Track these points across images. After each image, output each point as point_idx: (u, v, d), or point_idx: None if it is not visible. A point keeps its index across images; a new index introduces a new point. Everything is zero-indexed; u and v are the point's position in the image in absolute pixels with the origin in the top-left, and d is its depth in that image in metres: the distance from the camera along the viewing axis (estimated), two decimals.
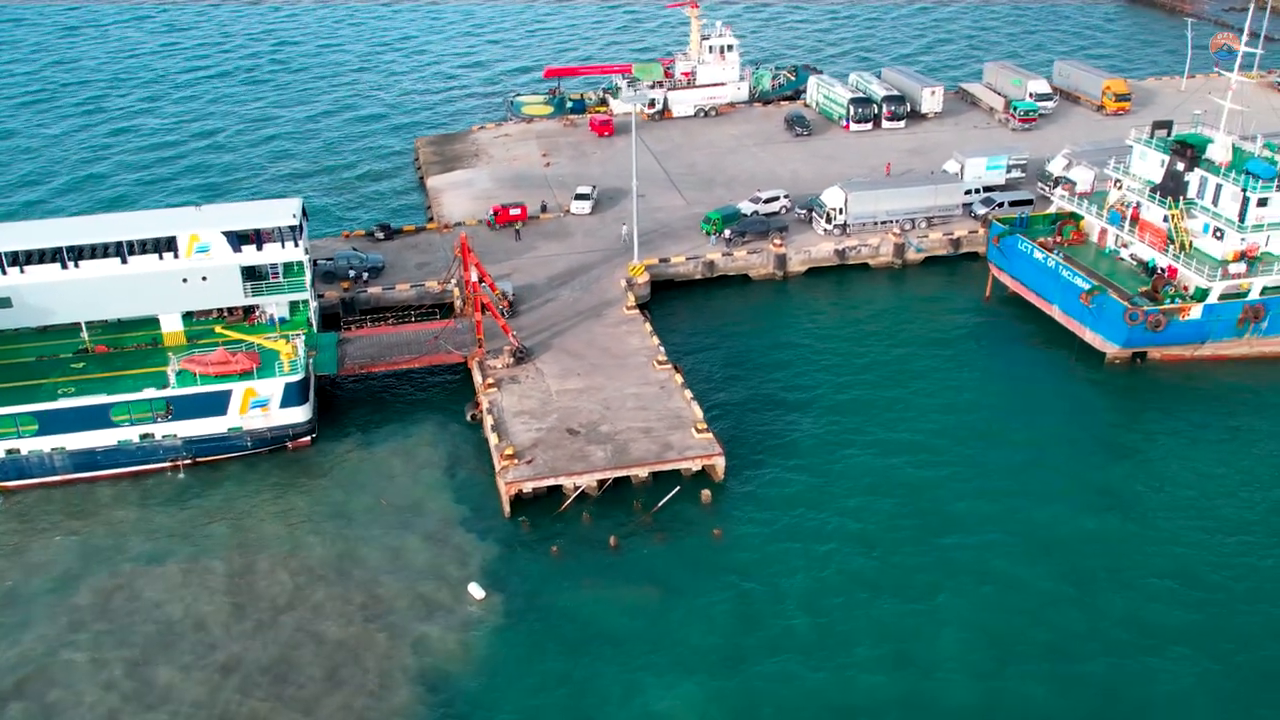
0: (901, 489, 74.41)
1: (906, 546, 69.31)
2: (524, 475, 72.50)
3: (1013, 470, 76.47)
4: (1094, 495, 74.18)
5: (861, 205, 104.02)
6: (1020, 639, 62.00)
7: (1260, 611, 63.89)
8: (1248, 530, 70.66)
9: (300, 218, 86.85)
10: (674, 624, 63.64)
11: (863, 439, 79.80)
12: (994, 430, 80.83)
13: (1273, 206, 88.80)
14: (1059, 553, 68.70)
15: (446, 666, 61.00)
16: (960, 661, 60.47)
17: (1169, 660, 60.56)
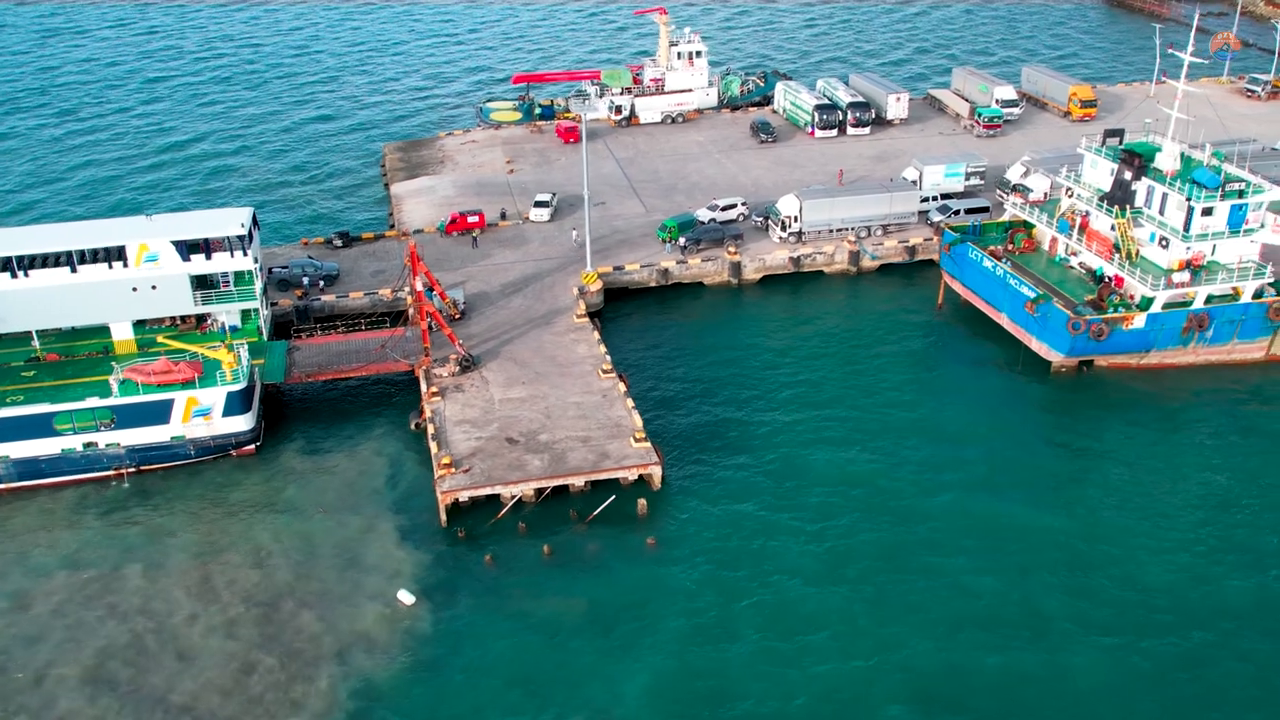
0: (840, 499, 74.90)
1: (842, 555, 69.75)
2: (460, 484, 73.11)
3: (950, 477, 77.04)
4: (1026, 500, 74.76)
5: (816, 213, 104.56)
6: (965, 647, 62.47)
7: (1188, 613, 64.47)
8: (1179, 534, 71.11)
9: (250, 227, 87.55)
10: (601, 634, 64.08)
11: (805, 448, 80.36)
12: (935, 438, 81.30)
13: (1218, 216, 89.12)
14: (993, 551, 69.51)
15: (370, 673, 61.63)
16: (897, 676, 60.82)
17: (1101, 652, 61.17)
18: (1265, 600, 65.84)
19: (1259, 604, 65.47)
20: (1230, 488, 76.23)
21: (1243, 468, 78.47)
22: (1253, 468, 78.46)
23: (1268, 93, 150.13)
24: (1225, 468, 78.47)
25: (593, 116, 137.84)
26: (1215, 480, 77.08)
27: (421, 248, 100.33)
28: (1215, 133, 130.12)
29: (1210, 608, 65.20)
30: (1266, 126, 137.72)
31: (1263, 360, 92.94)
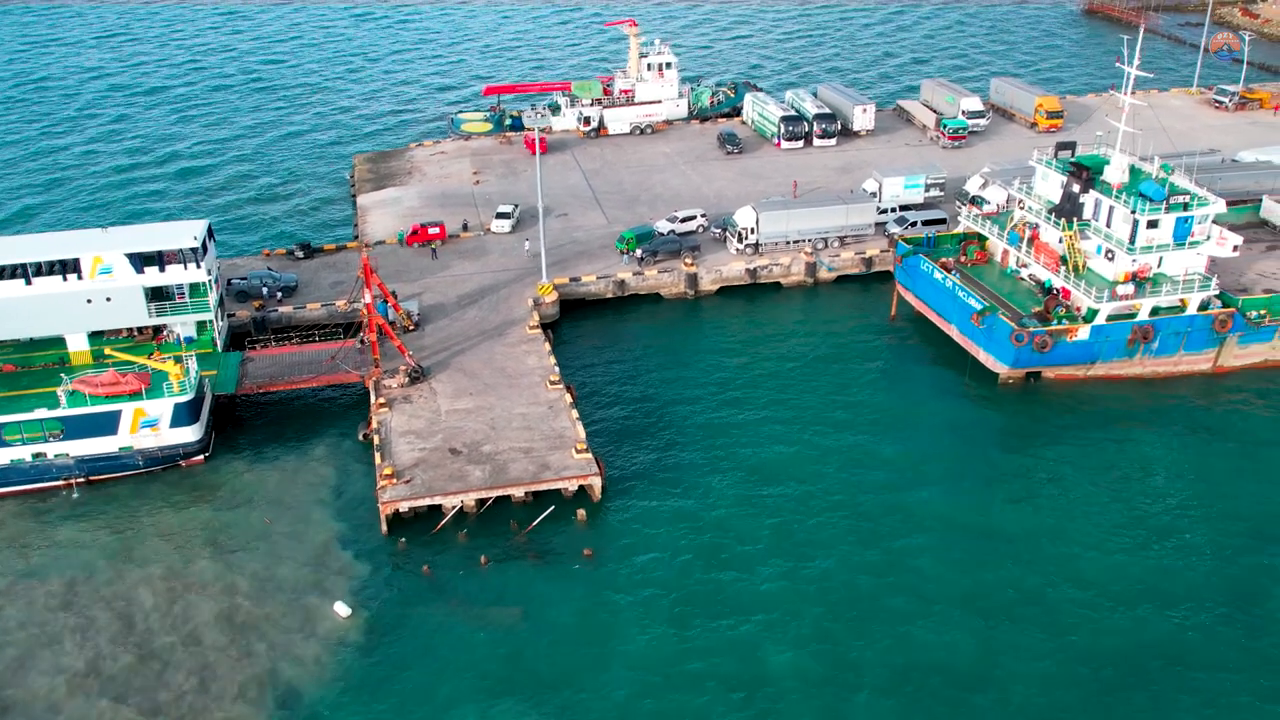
0: (783, 509, 75.67)
1: (779, 566, 70.44)
2: (401, 495, 74.02)
3: (892, 485, 77.85)
4: (964, 507, 75.74)
5: (773, 225, 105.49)
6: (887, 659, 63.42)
7: (1125, 615, 65.66)
8: (1107, 542, 72.07)
9: (204, 239, 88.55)
10: (535, 643, 64.94)
11: (752, 459, 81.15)
12: (878, 448, 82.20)
13: (1163, 229, 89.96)
14: (926, 568, 70.21)
15: (301, 683, 62.45)
16: (827, 684, 61.70)
17: (1034, 660, 62.11)
18: (1197, 609, 66.55)
19: (1191, 611, 66.23)
20: (1165, 498, 77.09)
21: (1179, 479, 79.40)
22: (1189, 479, 79.26)
23: (1235, 104, 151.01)
24: (1163, 479, 79.41)
25: (561, 128, 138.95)
26: (1150, 490, 77.93)
27: (378, 259, 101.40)
28: (1180, 144, 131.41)
29: (1140, 615, 65.99)
30: (1232, 137, 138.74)
31: (1210, 372, 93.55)
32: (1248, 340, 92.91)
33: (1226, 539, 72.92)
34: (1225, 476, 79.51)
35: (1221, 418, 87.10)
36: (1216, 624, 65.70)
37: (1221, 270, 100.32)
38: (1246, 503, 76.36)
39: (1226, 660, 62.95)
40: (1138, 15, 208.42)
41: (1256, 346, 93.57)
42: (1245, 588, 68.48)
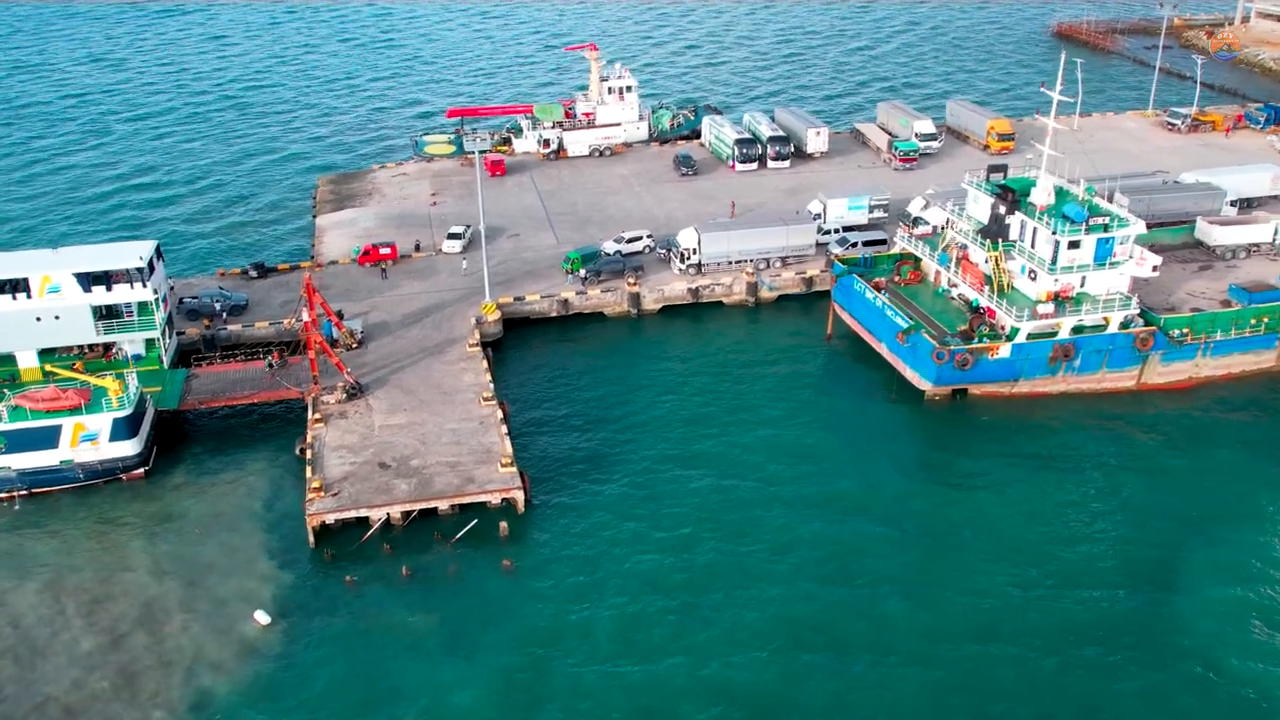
0: (706, 521, 77.77)
1: (699, 576, 72.57)
2: (328, 507, 76.42)
3: (813, 499, 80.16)
4: (880, 518, 77.95)
5: (714, 245, 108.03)
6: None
7: (1030, 621, 68.00)
8: (1013, 554, 74.29)
9: (151, 259, 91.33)
10: (446, 651, 66.99)
11: (679, 473, 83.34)
12: (803, 462, 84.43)
13: (1085, 249, 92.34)
14: (844, 566, 72.75)
15: (214, 687, 64.66)
16: (732, 687, 63.86)
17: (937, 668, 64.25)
18: (1101, 619, 68.68)
19: (1095, 623, 68.39)
20: (1073, 510, 79.29)
21: (1090, 492, 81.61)
22: (1100, 492, 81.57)
23: (1188, 126, 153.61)
24: (1075, 492, 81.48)
25: (523, 150, 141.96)
26: (1060, 503, 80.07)
27: (331, 279, 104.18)
28: (1130, 165, 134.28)
29: (1045, 625, 68.06)
30: (1182, 159, 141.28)
31: (1134, 389, 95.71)
32: (1171, 358, 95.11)
33: (1130, 547, 75.10)
34: (1136, 489, 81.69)
35: (1140, 434, 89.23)
36: (1108, 630, 67.75)
37: (1154, 290, 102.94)
38: (1155, 515, 78.52)
39: (1116, 667, 64.92)
40: (1105, 38, 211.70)
41: (1179, 364, 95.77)
42: (1143, 604, 70.64)
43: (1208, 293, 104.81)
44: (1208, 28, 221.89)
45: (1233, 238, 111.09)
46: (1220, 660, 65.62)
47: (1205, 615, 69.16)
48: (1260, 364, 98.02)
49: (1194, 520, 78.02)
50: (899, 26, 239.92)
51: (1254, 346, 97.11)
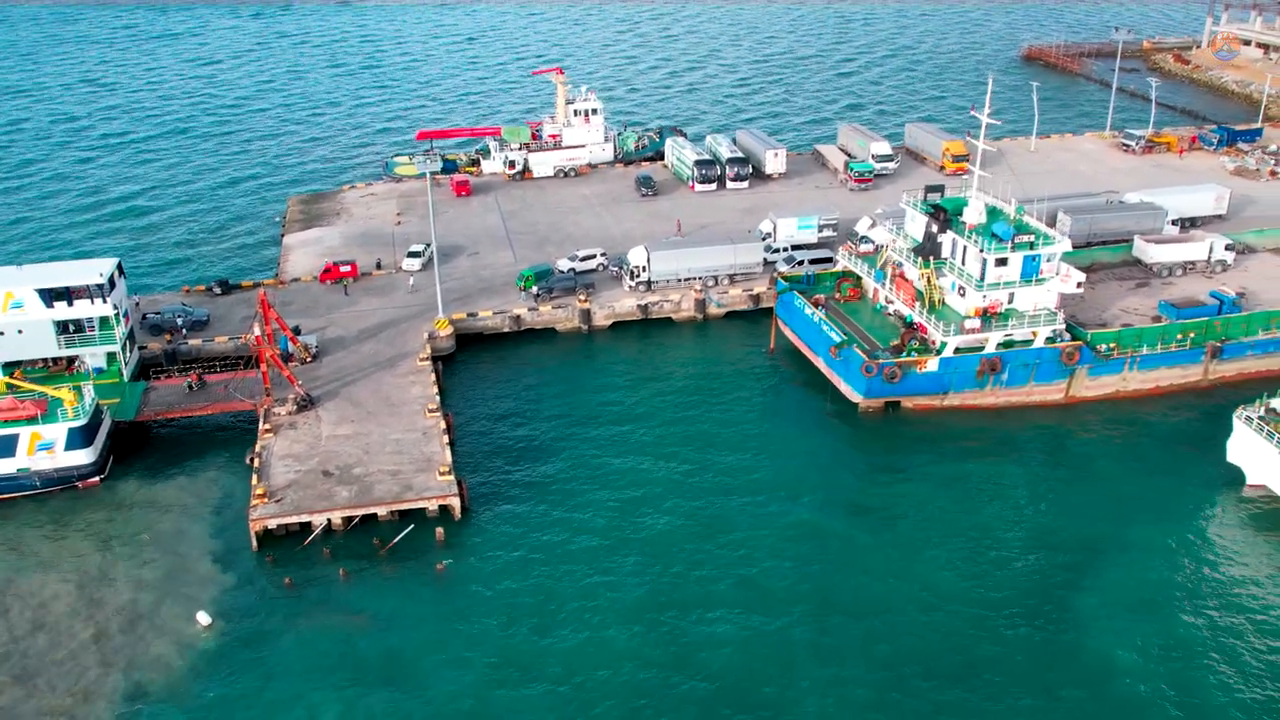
0: (636, 529, 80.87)
1: (620, 579, 75.67)
2: (270, 513, 79.76)
3: (743, 505, 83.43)
4: (804, 525, 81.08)
5: (663, 263, 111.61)
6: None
7: (938, 624, 71.05)
8: (936, 558, 77.42)
9: (112, 276, 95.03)
10: (376, 647, 70.10)
11: (616, 482, 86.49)
12: (735, 471, 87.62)
13: (1011, 267, 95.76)
14: (762, 579, 75.66)
15: (151, 683, 67.70)
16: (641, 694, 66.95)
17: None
18: (1008, 618, 71.98)
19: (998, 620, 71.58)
20: (986, 516, 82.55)
21: (1005, 499, 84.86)
22: (1016, 500, 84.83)
23: (1142, 147, 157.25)
24: (994, 500, 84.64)
25: (490, 171, 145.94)
26: (974, 510, 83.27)
27: (285, 295, 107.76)
28: (1082, 185, 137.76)
29: (952, 624, 71.39)
30: (1134, 180, 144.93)
31: (1063, 402, 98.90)
32: (1098, 372, 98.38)
33: (1041, 552, 78.24)
34: (1054, 498, 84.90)
35: (1064, 445, 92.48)
36: (1016, 633, 70.73)
37: (1089, 306, 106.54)
38: (1069, 522, 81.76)
39: (1017, 666, 68.03)
40: (1072, 61, 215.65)
41: (1106, 378, 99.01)
42: (1049, 601, 73.56)
43: (1141, 309, 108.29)
44: (1175, 50, 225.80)
45: (1168, 256, 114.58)
46: (1112, 658, 68.58)
47: (1105, 619, 72.03)
48: (1188, 378, 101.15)
49: (1106, 528, 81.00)
50: (876, 51, 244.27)
51: (1181, 361, 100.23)
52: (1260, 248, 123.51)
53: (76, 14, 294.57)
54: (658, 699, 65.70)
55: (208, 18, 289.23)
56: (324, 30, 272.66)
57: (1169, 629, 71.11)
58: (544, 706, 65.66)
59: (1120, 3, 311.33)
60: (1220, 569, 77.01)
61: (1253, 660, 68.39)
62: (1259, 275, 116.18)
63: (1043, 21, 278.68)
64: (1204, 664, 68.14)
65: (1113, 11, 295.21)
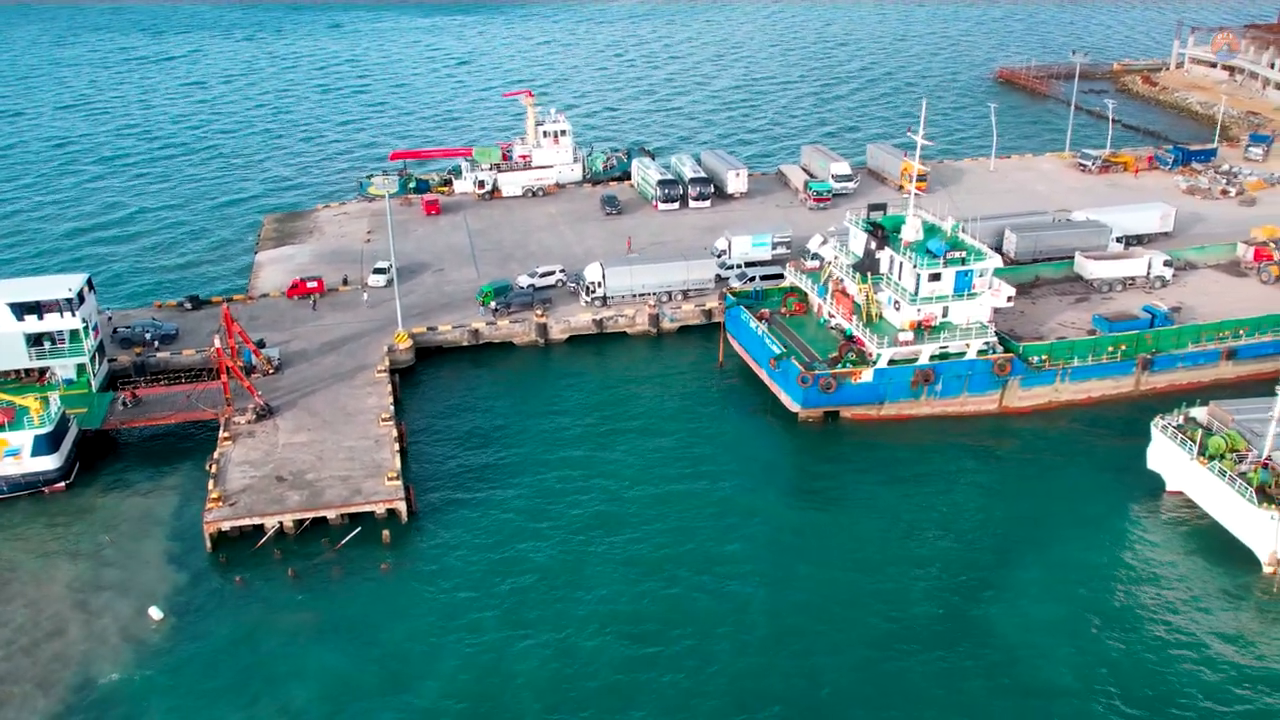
0: (581, 531, 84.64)
1: (549, 587, 79.26)
2: (223, 516, 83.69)
3: (682, 508, 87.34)
4: (737, 526, 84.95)
5: (618, 279, 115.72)
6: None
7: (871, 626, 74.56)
8: (859, 559, 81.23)
9: (81, 291, 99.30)
10: (319, 641, 73.81)
11: (557, 488, 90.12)
12: (676, 477, 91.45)
13: (945, 281, 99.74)
14: (701, 576, 79.51)
15: (101, 673, 71.35)
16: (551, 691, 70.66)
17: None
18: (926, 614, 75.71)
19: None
20: (915, 519, 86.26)
21: (938, 504, 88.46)
22: (939, 506, 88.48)
23: (1099, 167, 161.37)
24: (922, 504, 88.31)
25: (461, 190, 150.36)
26: (904, 512, 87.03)
27: (254, 310, 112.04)
28: (1039, 203, 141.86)
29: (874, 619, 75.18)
30: (1088, 198, 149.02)
31: (997, 412, 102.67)
32: (1030, 383, 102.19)
33: (963, 554, 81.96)
34: (980, 502, 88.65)
35: (994, 453, 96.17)
36: (930, 634, 74.44)
37: (1029, 319, 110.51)
38: (993, 526, 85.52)
39: (929, 657, 71.86)
40: (1042, 83, 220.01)
41: (1039, 389, 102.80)
42: (968, 600, 77.32)
43: (1078, 322, 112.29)
44: (1144, 72, 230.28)
45: (1106, 272, 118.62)
46: (1019, 652, 72.30)
47: (1019, 615, 75.69)
48: (1120, 389, 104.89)
49: (1029, 531, 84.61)
50: (856, 73, 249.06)
51: (1112, 372, 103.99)
52: (1201, 264, 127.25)
53: (73, 38, 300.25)
54: (578, 689, 69.22)
55: (201, 41, 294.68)
56: (315, 53, 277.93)
57: (1077, 628, 74.46)
58: (474, 696, 69.20)
59: (1093, 26, 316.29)
60: (1131, 570, 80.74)
61: (1151, 655, 72.14)
62: (1196, 291, 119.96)
63: (1018, 43, 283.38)
64: (1109, 660, 71.71)
65: (1089, 34, 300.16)
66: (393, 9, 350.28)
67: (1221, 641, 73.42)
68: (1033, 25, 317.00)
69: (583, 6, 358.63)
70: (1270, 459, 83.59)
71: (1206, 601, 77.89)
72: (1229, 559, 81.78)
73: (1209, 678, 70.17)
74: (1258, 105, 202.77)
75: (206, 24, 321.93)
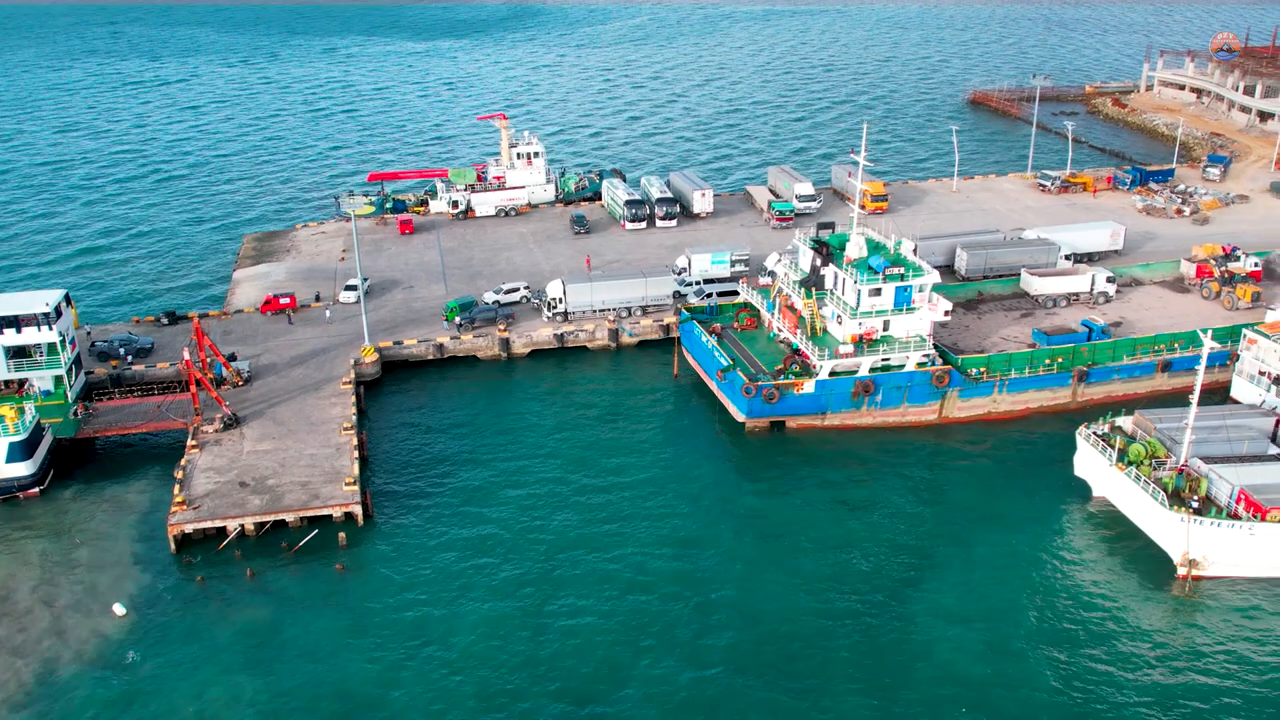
0: (523, 537, 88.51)
1: (497, 587, 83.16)
2: (187, 519, 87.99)
3: (629, 512, 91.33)
4: (684, 528, 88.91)
5: (578, 296, 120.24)
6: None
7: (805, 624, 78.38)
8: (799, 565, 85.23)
9: (59, 306, 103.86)
10: (275, 635, 77.74)
11: (513, 495, 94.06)
12: (625, 484, 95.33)
13: (885, 296, 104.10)
14: (642, 578, 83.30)
15: (64, 664, 75.35)
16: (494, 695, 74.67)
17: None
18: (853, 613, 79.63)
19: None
20: (852, 528, 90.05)
21: (869, 509, 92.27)
22: (874, 510, 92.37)
23: (1058, 187, 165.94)
24: (853, 508, 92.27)
25: (436, 210, 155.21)
26: (837, 516, 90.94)
27: (228, 325, 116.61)
28: (1000, 222, 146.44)
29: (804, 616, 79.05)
30: (1044, 218, 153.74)
31: (936, 422, 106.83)
32: (969, 394, 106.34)
33: (893, 557, 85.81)
34: (915, 509, 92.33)
35: (930, 460, 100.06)
36: (851, 631, 78.36)
37: (974, 333, 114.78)
38: (925, 530, 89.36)
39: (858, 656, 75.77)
40: (1013, 105, 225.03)
41: (978, 400, 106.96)
42: (895, 598, 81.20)
43: (1020, 336, 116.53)
44: (1115, 95, 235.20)
45: (1050, 288, 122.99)
46: (936, 646, 76.12)
47: (940, 612, 79.37)
48: (1057, 400, 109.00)
49: (961, 533, 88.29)
50: (838, 97, 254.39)
51: (1049, 384, 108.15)
52: (1147, 280, 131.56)
53: (72, 61, 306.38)
54: (516, 683, 73.38)
55: (199, 66, 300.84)
56: (309, 77, 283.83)
57: (994, 626, 78.04)
58: (420, 685, 73.31)
59: (1070, 51, 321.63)
60: (1051, 571, 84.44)
61: (1062, 653, 75.93)
62: (1138, 306, 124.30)
63: (997, 67, 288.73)
64: (1022, 657, 75.38)
65: (1068, 59, 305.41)
66: (386, 34, 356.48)
67: (1131, 638, 77.10)
68: (1014, 49, 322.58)
69: (574, 31, 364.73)
70: (1187, 465, 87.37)
71: (1121, 600, 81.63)
72: (1145, 561, 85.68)
73: (1119, 675, 73.49)
74: (1222, 127, 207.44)
75: (202, 48, 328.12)
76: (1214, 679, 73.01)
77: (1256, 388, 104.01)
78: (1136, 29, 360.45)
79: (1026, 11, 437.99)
